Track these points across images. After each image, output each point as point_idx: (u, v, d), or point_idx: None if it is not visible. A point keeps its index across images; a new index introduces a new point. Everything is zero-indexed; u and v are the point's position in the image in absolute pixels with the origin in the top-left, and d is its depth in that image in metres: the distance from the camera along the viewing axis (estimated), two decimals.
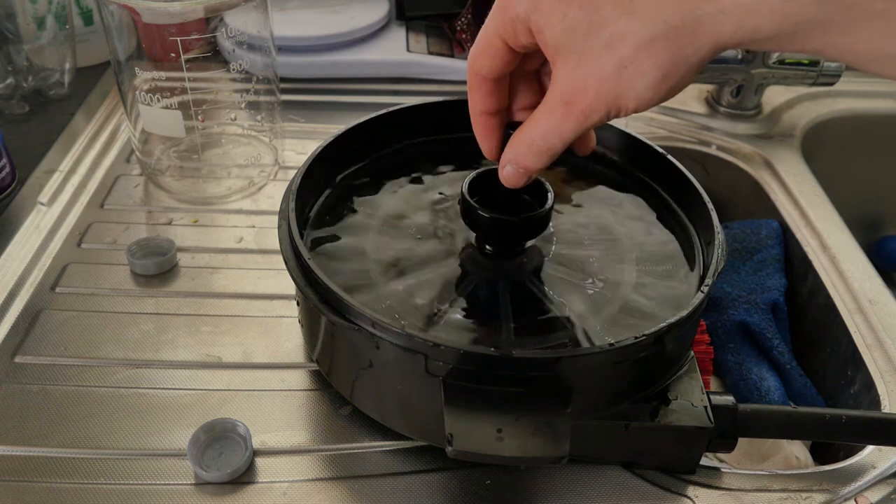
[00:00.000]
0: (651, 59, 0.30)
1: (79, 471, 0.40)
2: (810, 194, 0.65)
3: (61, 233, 0.56)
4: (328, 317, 0.37)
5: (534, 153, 0.35)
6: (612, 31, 0.30)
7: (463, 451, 0.32)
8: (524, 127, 0.35)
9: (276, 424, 0.43)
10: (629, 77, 0.31)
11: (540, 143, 0.35)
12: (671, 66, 0.31)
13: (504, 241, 0.43)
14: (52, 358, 0.46)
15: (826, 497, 0.41)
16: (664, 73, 0.31)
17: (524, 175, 0.37)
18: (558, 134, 0.34)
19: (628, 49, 0.30)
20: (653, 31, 0.30)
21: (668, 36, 0.30)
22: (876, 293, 0.54)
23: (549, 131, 0.34)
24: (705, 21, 0.29)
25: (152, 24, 0.54)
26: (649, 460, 0.41)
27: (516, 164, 0.36)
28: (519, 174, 0.37)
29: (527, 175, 0.37)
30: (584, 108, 0.32)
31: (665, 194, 0.48)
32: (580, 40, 0.31)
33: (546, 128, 0.34)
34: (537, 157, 0.35)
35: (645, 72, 0.31)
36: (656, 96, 0.32)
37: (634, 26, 0.30)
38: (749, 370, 0.54)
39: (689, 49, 0.30)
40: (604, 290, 0.41)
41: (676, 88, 0.32)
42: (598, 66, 0.31)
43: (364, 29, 0.77)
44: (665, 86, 0.31)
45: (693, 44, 0.30)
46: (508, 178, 0.37)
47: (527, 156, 0.35)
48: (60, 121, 0.68)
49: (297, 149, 0.66)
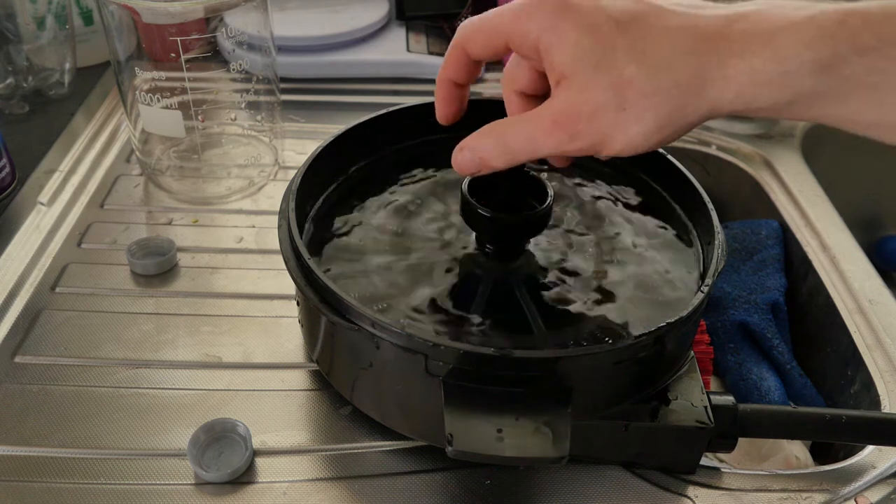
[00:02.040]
0: (651, 110, 0.31)
1: (79, 471, 0.40)
2: (810, 194, 0.65)
3: (61, 233, 0.56)
4: (328, 317, 0.37)
5: (501, 151, 0.35)
6: (620, 73, 0.31)
7: (463, 451, 0.32)
8: (504, 123, 0.35)
9: (276, 424, 0.43)
10: (625, 119, 0.31)
11: (512, 145, 0.34)
12: (668, 119, 0.31)
13: (504, 240, 0.43)
14: (52, 358, 0.46)
15: (826, 497, 0.41)
16: (660, 125, 0.31)
17: (477, 166, 0.36)
18: (534, 146, 0.34)
19: (632, 94, 0.31)
20: (659, 85, 0.31)
21: (673, 92, 0.31)
22: (876, 293, 0.54)
23: (527, 140, 0.34)
24: (710, 85, 0.30)
25: (152, 24, 0.54)
26: (649, 460, 0.41)
27: (475, 153, 0.36)
28: (473, 164, 0.36)
29: (479, 168, 0.36)
30: (572, 132, 0.32)
31: (665, 194, 0.48)
32: (588, 71, 0.31)
33: (526, 135, 0.34)
34: (501, 156, 0.35)
35: (642, 119, 0.31)
36: (644, 144, 0.32)
37: (643, 76, 0.31)
38: (749, 370, 0.54)
39: (689, 108, 0.31)
40: (603, 290, 0.41)
41: (663, 142, 0.32)
42: (599, 100, 0.31)
43: (364, 29, 0.77)
44: (657, 137, 0.32)
45: (693, 103, 0.31)
46: (461, 164, 0.37)
47: (492, 151, 0.35)
48: (60, 121, 0.68)
49: (297, 149, 0.66)
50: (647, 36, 0.31)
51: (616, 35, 0.31)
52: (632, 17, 0.31)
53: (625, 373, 0.37)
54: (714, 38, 0.30)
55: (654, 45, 0.31)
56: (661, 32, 0.31)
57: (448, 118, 0.40)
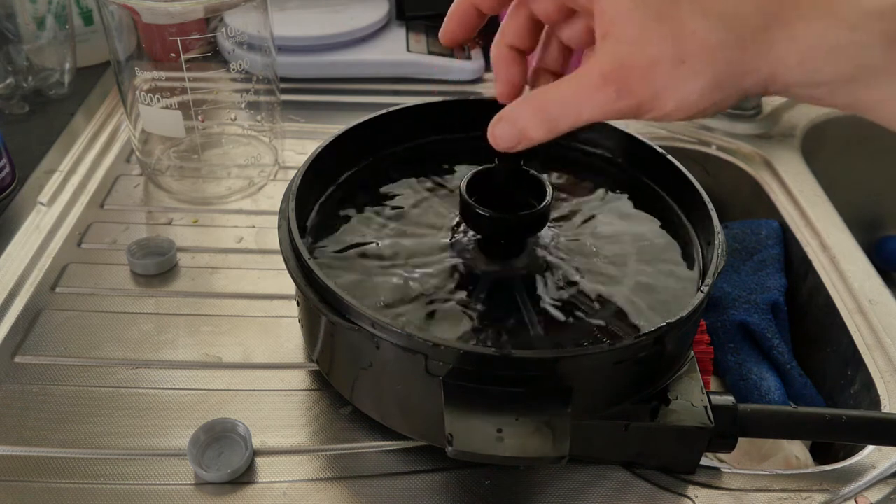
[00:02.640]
0: (711, 65, 0.29)
1: (79, 471, 0.40)
2: (810, 194, 0.65)
3: (61, 233, 0.56)
4: (328, 317, 0.37)
5: (542, 119, 0.32)
6: (682, 24, 0.29)
7: (463, 451, 0.32)
8: (542, 90, 0.32)
9: (276, 424, 0.43)
10: (683, 74, 0.29)
11: (553, 110, 0.32)
12: (726, 78, 0.29)
13: (503, 239, 0.43)
14: (52, 358, 0.46)
15: (826, 497, 0.41)
16: (718, 82, 0.29)
17: (516, 139, 0.33)
18: (577, 108, 0.31)
19: (693, 47, 0.29)
20: (723, 38, 0.29)
21: (736, 47, 0.29)
22: (876, 293, 0.54)
23: (570, 100, 0.31)
24: (776, 45, 0.29)
25: (152, 24, 0.54)
26: (649, 460, 0.41)
27: (515, 123, 0.33)
28: (512, 136, 0.33)
29: (518, 141, 0.33)
30: (624, 88, 0.30)
31: (665, 194, 0.48)
32: (647, 21, 0.29)
33: (569, 95, 0.31)
34: (542, 124, 0.32)
35: (701, 74, 0.29)
36: (699, 103, 0.30)
37: (707, 28, 0.29)
38: (749, 370, 0.54)
39: (750, 67, 0.29)
40: (603, 290, 0.41)
41: (717, 105, 0.30)
42: (656, 51, 0.29)
43: (364, 29, 0.77)
44: (711, 97, 0.30)
45: (755, 64, 0.29)
46: (499, 136, 0.34)
47: (532, 119, 0.32)
48: (60, 121, 0.68)
49: (297, 149, 0.66)
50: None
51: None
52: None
53: (625, 373, 0.37)
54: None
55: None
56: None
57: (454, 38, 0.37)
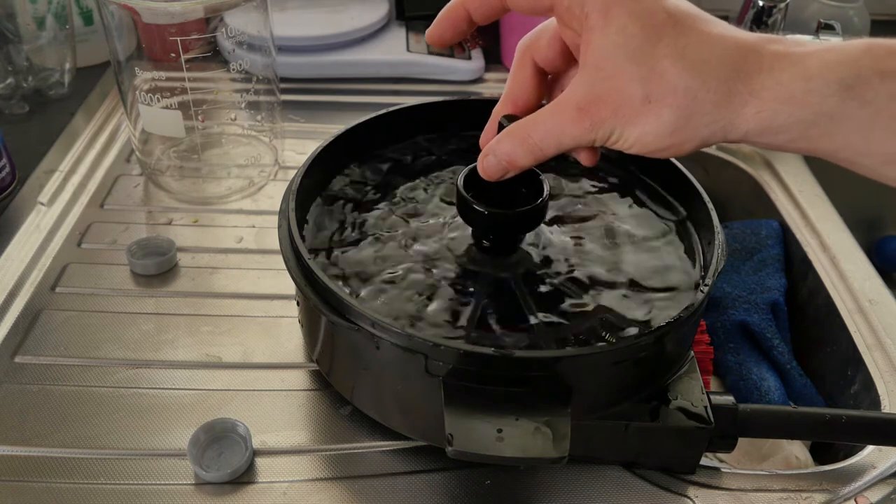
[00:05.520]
0: (673, 108, 0.31)
1: (79, 471, 0.40)
2: (810, 194, 0.65)
3: (61, 233, 0.56)
4: (328, 317, 0.37)
5: (525, 149, 0.35)
6: (655, 66, 0.31)
7: (463, 451, 0.32)
8: (525, 121, 0.35)
9: (276, 424, 0.43)
10: (646, 113, 0.31)
11: (536, 140, 0.35)
12: (685, 123, 0.31)
13: (501, 235, 0.43)
14: (52, 358, 0.46)
15: (826, 497, 0.41)
16: (676, 127, 0.31)
17: (504, 170, 0.36)
18: (558, 138, 0.34)
19: (660, 88, 0.31)
20: (688, 84, 0.31)
21: (699, 96, 0.31)
22: (876, 293, 0.54)
23: (550, 132, 0.34)
24: (734, 97, 0.30)
25: (152, 24, 0.54)
26: (649, 460, 0.41)
27: (501, 157, 0.36)
28: (500, 167, 0.36)
29: (506, 170, 0.36)
30: (597, 119, 0.32)
31: (665, 194, 0.48)
32: (625, 59, 0.31)
33: (548, 127, 0.34)
34: (526, 154, 0.35)
35: (660, 116, 0.31)
36: (654, 143, 0.32)
37: (676, 72, 0.31)
38: (749, 370, 0.54)
39: (707, 117, 0.31)
40: (602, 289, 0.41)
41: (672, 148, 0.32)
42: (628, 89, 0.31)
43: (364, 29, 0.77)
44: (669, 140, 0.32)
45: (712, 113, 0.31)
46: (487, 168, 0.37)
47: (518, 150, 0.35)
48: (60, 121, 0.68)
49: (297, 149, 0.66)
50: (691, 34, 0.31)
51: (665, 28, 0.31)
52: (684, 15, 0.31)
53: (625, 373, 0.37)
54: (748, 50, 0.31)
55: (695, 45, 0.31)
56: (704, 35, 0.31)
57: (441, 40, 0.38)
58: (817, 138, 0.30)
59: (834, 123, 0.30)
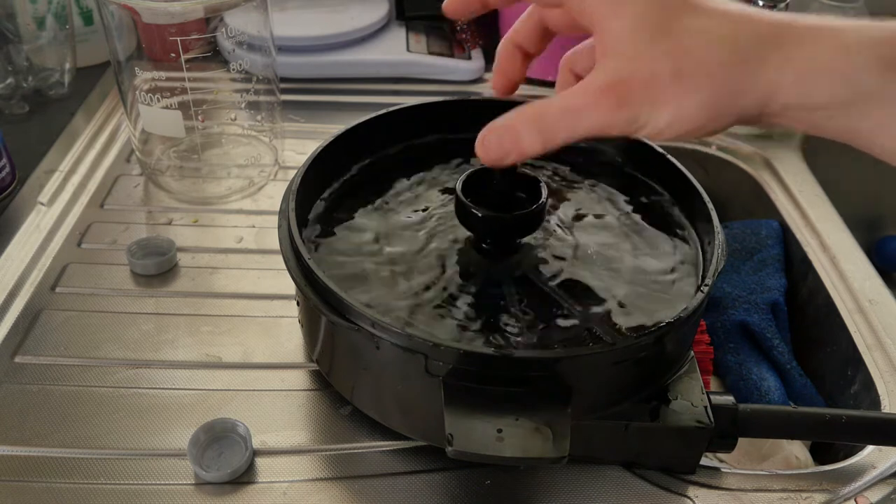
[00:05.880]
0: (709, 81, 0.29)
1: (79, 471, 0.40)
2: (810, 194, 0.65)
3: (61, 233, 0.56)
4: (328, 317, 0.37)
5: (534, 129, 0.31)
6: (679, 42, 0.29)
7: (463, 451, 0.32)
8: (538, 102, 0.32)
9: (276, 424, 0.43)
10: (681, 87, 0.29)
11: (549, 121, 0.31)
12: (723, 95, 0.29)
13: (499, 238, 0.43)
14: (52, 358, 0.46)
15: (826, 497, 0.41)
16: (715, 99, 0.29)
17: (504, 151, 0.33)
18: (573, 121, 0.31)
19: (691, 63, 0.29)
20: (720, 57, 0.29)
21: (733, 66, 0.29)
22: (876, 293, 0.54)
23: (567, 114, 0.31)
24: (772, 66, 0.29)
25: (152, 24, 0.54)
26: (649, 460, 0.41)
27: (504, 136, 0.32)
28: (501, 148, 0.32)
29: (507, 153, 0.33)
30: (622, 98, 0.30)
31: (665, 194, 0.48)
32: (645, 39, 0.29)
33: (566, 106, 0.31)
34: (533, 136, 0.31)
35: (698, 89, 0.29)
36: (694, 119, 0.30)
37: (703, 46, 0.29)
38: (749, 370, 0.54)
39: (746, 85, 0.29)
40: (602, 289, 0.41)
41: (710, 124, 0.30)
42: (655, 66, 0.29)
43: (364, 29, 0.77)
44: (707, 113, 0.30)
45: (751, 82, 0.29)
46: (488, 147, 0.33)
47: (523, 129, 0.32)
48: (60, 121, 0.68)
49: (297, 149, 0.66)
50: (713, 14, 0.29)
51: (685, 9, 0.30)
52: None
53: (625, 373, 0.37)
54: (778, 24, 0.29)
55: (718, 23, 0.29)
56: (725, 14, 0.30)
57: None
58: (854, 117, 0.29)
59: (872, 103, 0.28)
